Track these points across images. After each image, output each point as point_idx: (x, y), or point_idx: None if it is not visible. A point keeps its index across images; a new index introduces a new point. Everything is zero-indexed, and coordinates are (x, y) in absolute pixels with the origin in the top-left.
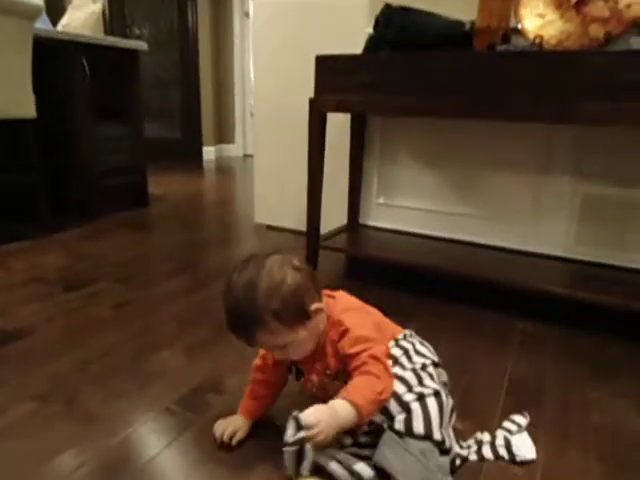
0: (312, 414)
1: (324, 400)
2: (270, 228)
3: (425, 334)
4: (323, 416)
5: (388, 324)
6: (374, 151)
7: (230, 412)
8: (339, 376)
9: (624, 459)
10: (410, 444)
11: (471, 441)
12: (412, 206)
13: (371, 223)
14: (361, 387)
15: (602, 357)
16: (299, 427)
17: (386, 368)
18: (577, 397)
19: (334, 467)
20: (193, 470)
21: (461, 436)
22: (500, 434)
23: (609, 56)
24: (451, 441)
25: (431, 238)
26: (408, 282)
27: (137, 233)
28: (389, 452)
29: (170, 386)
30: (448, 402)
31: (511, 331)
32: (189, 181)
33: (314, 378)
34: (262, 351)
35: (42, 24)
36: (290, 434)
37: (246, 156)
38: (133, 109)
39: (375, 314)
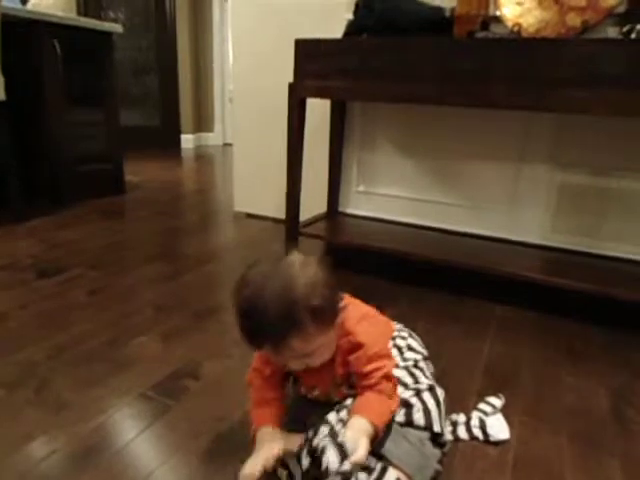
0: (361, 445)
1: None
2: (250, 216)
3: (404, 319)
4: (367, 445)
5: (387, 323)
6: (354, 139)
7: (207, 398)
8: (344, 383)
9: (594, 439)
10: (409, 432)
11: (447, 422)
12: (391, 194)
13: (350, 211)
14: (378, 407)
15: (577, 342)
16: (344, 455)
17: (395, 386)
18: (551, 380)
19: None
20: (168, 456)
21: None
22: (475, 415)
23: (586, 45)
24: (447, 434)
25: (410, 226)
26: (388, 269)
27: (112, 220)
28: (388, 440)
29: (146, 372)
30: (442, 394)
31: (489, 316)
32: (167, 169)
33: (318, 389)
34: (255, 364)
35: (10, 2)
36: (334, 462)
37: (225, 145)
38: (108, 94)
39: (379, 317)
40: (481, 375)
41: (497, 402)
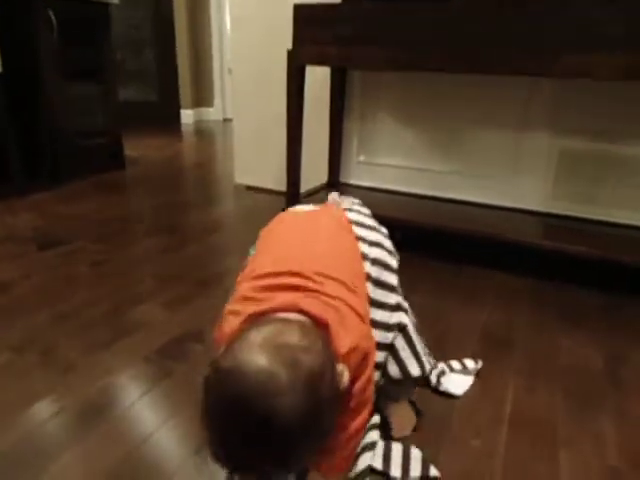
0: None
1: None
2: (250, 188)
3: (404, 287)
4: None
5: (358, 262)
6: (354, 108)
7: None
8: None
9: (586, 396)
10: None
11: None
12: (392, 164)
13: (352, 181)
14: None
15: (574, 306)
16: None
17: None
18: (547, 342)
19: None
20: (171, 416)
21: None
22: (441, 365)
23: (595, 5)
24: (430, 361)
25: (411, 195)
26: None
27: (113, 195)
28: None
29: (150, 337)
30: (412, 325)
31: (487, 283)
32: (167, 144)
33: None
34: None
35: None
36: None
37: (225, 120)
38: (106, 68)
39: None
40: (477, 339)
41: (470, 364)
